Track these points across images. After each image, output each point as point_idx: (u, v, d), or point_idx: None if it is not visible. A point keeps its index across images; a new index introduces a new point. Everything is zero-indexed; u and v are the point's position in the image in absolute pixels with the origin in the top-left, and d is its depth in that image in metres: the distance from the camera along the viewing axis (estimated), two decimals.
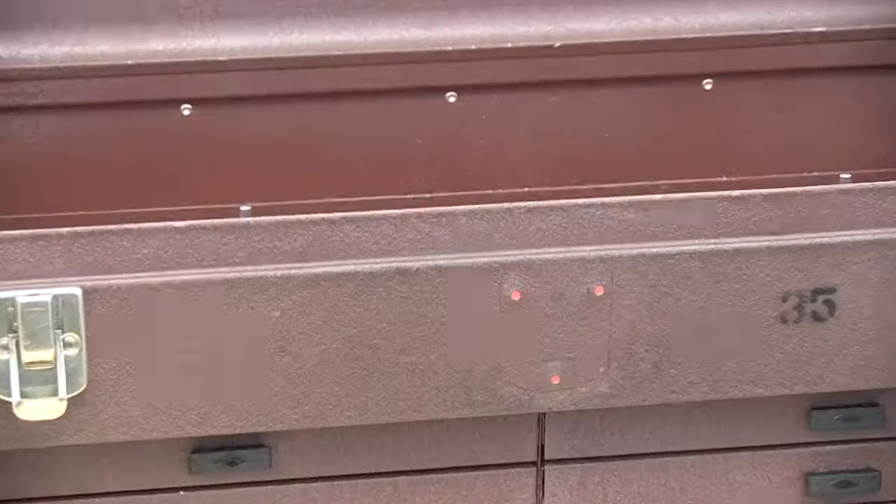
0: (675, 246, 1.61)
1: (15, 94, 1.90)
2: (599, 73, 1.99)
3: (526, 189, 1.99)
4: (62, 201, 1.93)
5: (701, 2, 2.01)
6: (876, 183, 1.65)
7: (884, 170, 2.01)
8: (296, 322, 1.56)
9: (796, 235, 1.62)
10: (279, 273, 1.56)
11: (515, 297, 1.59)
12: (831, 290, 1.62)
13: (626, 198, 1.61)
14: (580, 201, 1.61)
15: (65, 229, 1.55)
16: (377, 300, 1.57)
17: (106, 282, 1.54)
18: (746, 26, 2.01)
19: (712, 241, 1.61)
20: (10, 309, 1.52)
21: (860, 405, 1.69)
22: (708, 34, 2.00)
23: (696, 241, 1.61)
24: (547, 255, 1.59)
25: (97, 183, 1.94)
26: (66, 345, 1.54)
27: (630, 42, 1.98)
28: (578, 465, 1.67)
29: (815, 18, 2.03)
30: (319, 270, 1.56)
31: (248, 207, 1.90)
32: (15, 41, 1.91)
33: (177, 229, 1.56)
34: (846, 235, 1.62)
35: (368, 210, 1.59)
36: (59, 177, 1.93)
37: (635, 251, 1.60)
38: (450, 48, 1.97)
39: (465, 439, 1.65)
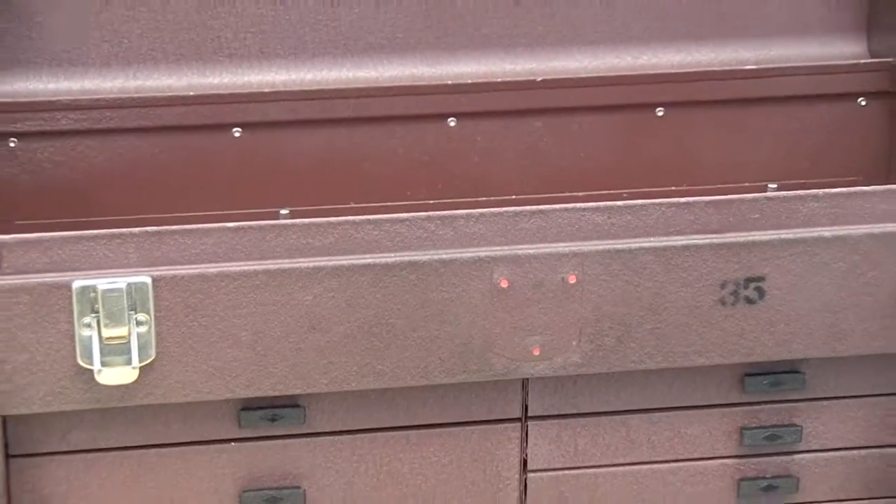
0: (634, 243, 1.60)
1: (97, 120, 1.90)
2: (573, 103, 2.00)
3: (513, 197, 1.99)
4: (136, 207, 1.93)
5: (654, 44, 2.01)
6: (797, 192, 1.64)
7: (804, 181, 2.02)
8: (325, 305, 1.56)
9: (732, 234, 1.61)
10: (311, 265, 1.56)
11: (504, 284, 1.59)
12: (761, 279, 1.62)
13: (594, 203, 1.61)
14: (557, 206, 1.61)
15: (137, 229, 1.55)
16: (392, 287, 1.57)
17: (170, 272, 1.54)
18: (691, 65, 2.01)
19: (664, 238, 1.61)
20: (93, 294, 1.52)
21: (784, 372, 1.68)
22: (660, 71, 2.00)
23: (651, 239, 1.61)
24: (529, 251, 1.59)
25: (162, 192, 1.94)
26: (138, 323, 1.54)
27: (598, 77, 1.99)
28: (555, 421, 1.67)
29: (748, 58, 2.03)
30: (344, 262, 1.56)
31: (286, 211, 1.91)
32: (96, 76, 1.91)
33: (228, 229, 1.56)
34: (773, 234, 1.62)
35: (384, 213, 1.59)
36: (132, 187, 1.94)
37: (601, 247, 1.59)
38: (450, 82, 1.97)
39: (463, 400, 1.65)
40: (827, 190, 1.65)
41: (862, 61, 2.04)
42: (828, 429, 1.71)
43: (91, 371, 1.54)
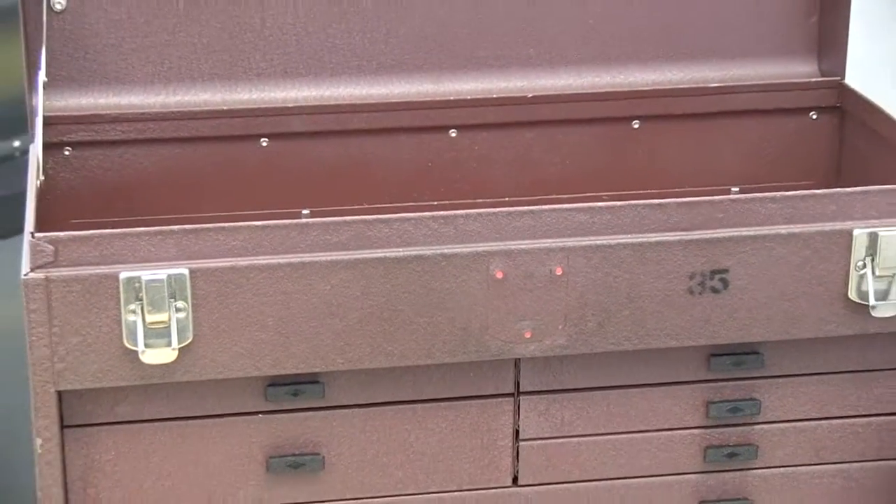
0: (613, 239, 1.60)
1: (142, 132, 1.90)
2: (559, 116, 2.00)
3: (506, 199, 1.99)
4: (175, 207, 1.93)
5: (631, 65, 2.01)
6: (756, 195, 1.64)
7: (763, 185, 2.02)
8: (341, 293, 1.56)
9: (699, 232, 1.61)
10: (329, 258, 1.55)
11: (499, 275, 1.58)
12: (725, 271, 1.61)
13: (578, 205, 1.60)
14: (545, 207, 1.60)
15: (176, 227, 1.55)
16: (400, 278, 1.56)
17: (205, 265, 1.53)
18: (663, 83, 2.01)
19: (639, 235, 1.60)
20: (137, 284, 1.52)
21: (745, 353, 1.68)
22: (635, 88, 2.00)
23: (628, 236, 1.60)
24: (521, 246, 1.58)
25: (198, 194, 1.94)
26: (177, 310, 1.53)
27: (581, 94, 1.99)
28: (544, 396, 1.67)
29: (713, 77, 2.03)
30: (359, 256, 1.56)
31: (308, 211, 1.91)
32: (140, 92, 1.91)
33: (256, 227, 1.55)
34: (735, 231, 1.61)
35: (393, 213, 1.58)
36: (172, 190, 1.94)
37: (585, 243, 1.59)
38: (451, 98, 1.97)
39: (462, 377, 1.64)
40: (782, 193, 1.64)
41: (813, 80, 2.04)
42: (783, 403, 1.71)
43: (136, 352, 1.53)
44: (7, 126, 3.06)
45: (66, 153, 1.90)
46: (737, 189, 2.00)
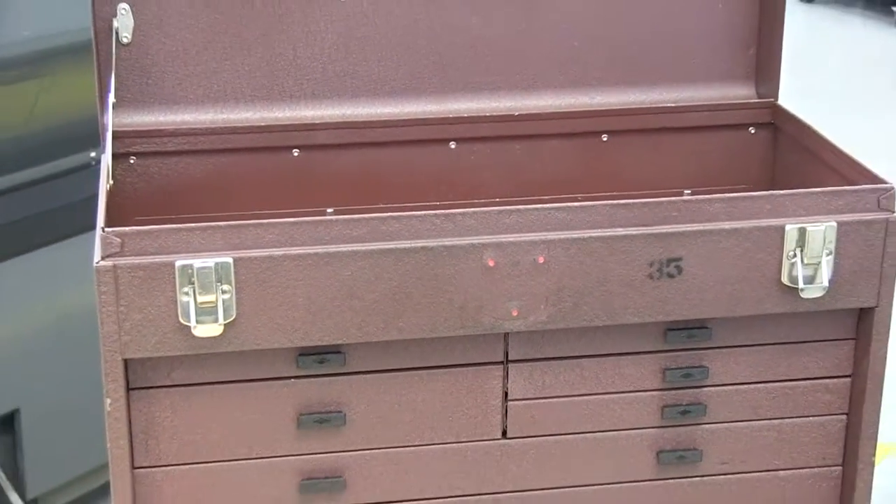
0: (586, 233, 1.58)
1: (193, 144, 1.90)
2: (541, 132, 2.00)
3: (497, 199, 1.98)
4: (221, 207, 1.92)
5: (601, 88, 2.01)
6: (705, 196, 1.63)
7: (710, 188, 2.01)
8: (360, 278, 1.54)
9: (658, 227, 1.60)
10: (349, 249, 1.54)
11: (491, 263, 1.57)
12: (679, 259, 1.60)
13: (558, 205, 1.59)
14: (530, 207, 1.59)
15: (222, 223, 1.54)
16: (408, 265, 1.55)
17: (246, 254, 1.52)
18: (628, 103, 2.01)
19: (609, 230, 1.59)
20: (189, 271, 1.51)
21: (696, 328, 1.66)
22: (605, 108, 2.00)
23: (599, 230, 1.59)
24: (510, 239, 1.57)
25: (240, 196, 1.94)
26: (223, 292, 1.52)
27: (560, 112, 1.98)
28: (528, 363, 1.65)
29: (669, 98, 2.02)
30: (374, 247, 1.54)
31: (331, 210, 1.90)
32: (193, 111, 1.90)
33: (289, 223, 1.54)
34: (688, 227, 1.60)
35: (403, 212, 1.57)
36: (219, 193, 1.93)
37: (563, 236, 1.58)
38: (451, 116, 1.97)
39: (461, 348, 1.63)
40: (727, 195, 1.64)
41: (751, 101, 2.03)
42: (727, 369, 1.70)
43: (188, 327, 1.52)
44: (84, 140, 3.06)
45: (131, 162, 1.89)
46: (689, 192, 1.99)
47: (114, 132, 1.80)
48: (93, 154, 2.89)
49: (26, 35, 2.86)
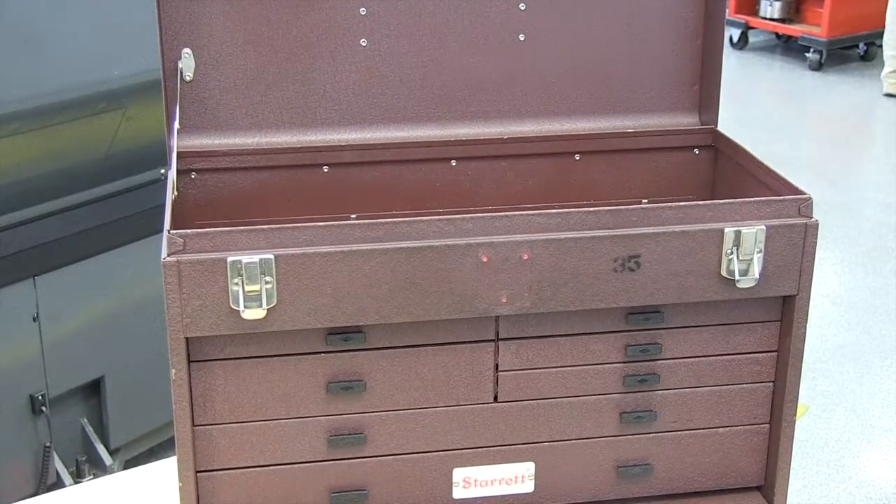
0: (562, 235, 1.56)
1: (242, 162, 1.88)
2: (525, 152, 1.97)
3: (490, 207, 1.97)
4: (264, 214, 1.90)
5: (574, 116, 1.99)
6: (659, 205, 1.61)
7: (663, 198, 2.00)
8: (377, 271, 1.52)
9: (621, 230, 1.57)
10: (369, 248, 1.52)
11: (485, 259, 1.54)
12: (638, 256, 1.57)
13: (539, 212, 1.57)
14: (517, 213, 1.57)
15: (266, 227, 1.51)
16: (417, 261, 1.53)
17: (285, 252, 1.50)
18: (596, 129, 1.99)
19: (580, 232, 1.57)
20: (238, 265, 1.49)
21: (652, 312, 1.64)
22: (577, 133, 1.98)
23: (573, 232, 1.57)
24: (500, 239, 1.55)
25: (280, 205, 1.92)
26: (266, 283, 1.50)
27: (540, 136, 1.97)
28: (515, 341, 1.63)
29: (629, 125, 2.00)
30: (389, 246, 1.52)
31: (355, 216, 1.88)
32: (241, 135, 1.88)
33: (319, 226, 1.52)
34: (645, 230, 1.58)
35: (413, 218, 1.56)
36: (262, 203, 1.91)
37: (543, 237, 1.55)
38: (452, 139, 1.94)
39: (459, 328, 1.60)
40: (676, 204, 1.61)
41: (696, 127, 2.01)
42: (677, 345, 1.67)
43: (238, 311, 1.50)
44: (156, 159, 3.06)
45: (192, 177, 1.87)
46: (646, 201, 1.98)
47: (178, 152, 1.78)
48: (162, 171, 2.88)
49: (116, 74, 2.86)
